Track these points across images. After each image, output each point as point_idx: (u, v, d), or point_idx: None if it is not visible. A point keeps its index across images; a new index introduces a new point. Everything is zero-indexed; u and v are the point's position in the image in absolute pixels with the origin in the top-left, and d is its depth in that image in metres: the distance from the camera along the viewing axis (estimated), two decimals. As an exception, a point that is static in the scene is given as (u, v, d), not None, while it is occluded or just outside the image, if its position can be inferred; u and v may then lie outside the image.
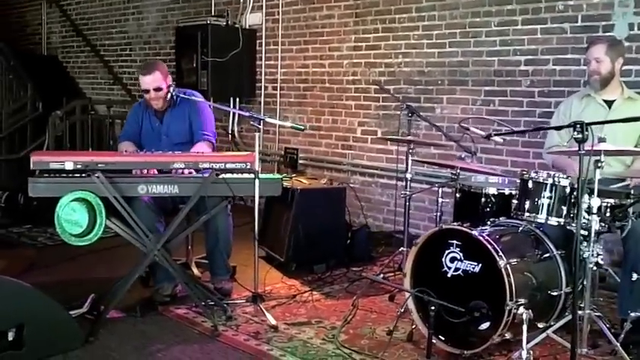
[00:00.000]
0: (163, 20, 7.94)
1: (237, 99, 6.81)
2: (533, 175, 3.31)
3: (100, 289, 3.77)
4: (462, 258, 3.18)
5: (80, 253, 4.55)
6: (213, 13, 6.98)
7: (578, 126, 2.73)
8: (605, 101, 3.69)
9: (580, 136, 2.74)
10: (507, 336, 3.09)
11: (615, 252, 4.10)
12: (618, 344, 3.04)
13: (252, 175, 3.60)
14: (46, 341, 3.08)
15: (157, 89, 3.97)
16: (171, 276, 3.80)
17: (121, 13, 8.59)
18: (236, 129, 7.01)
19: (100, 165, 3.39)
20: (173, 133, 4.07)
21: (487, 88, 5.06)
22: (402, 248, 4.18)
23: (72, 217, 3.32)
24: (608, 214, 3.18)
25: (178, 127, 4.07)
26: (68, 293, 3.80)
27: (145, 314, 3.66)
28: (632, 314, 3.22)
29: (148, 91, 4.00)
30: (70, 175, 3.39)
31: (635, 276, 3.23)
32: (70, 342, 3.18)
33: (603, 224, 3.15)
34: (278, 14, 6.54)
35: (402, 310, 3.48)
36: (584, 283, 3.12)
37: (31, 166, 3.33)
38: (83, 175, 3.39)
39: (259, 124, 3.75)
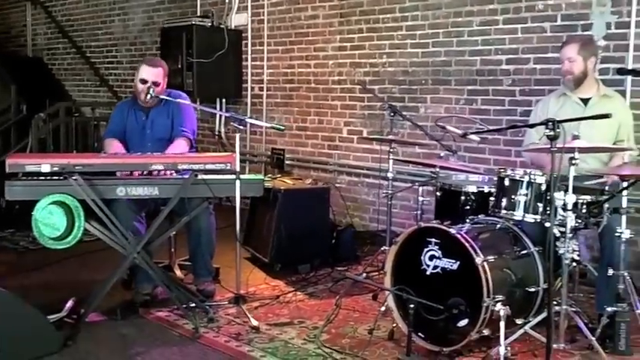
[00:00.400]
0: (149, 21, 7.93)
1: (224, 100, 6.81)
2: (509, 172, 3.34)
3: (81, 293, 3.76)
4: (441, 256, 3.20)
5: (63, 256, 4.54)
6: (198, 14, 6.97)
7: (551, 123, 2.75)
8: (582, 99, 3.71)
9: (552, 133, 2.76)
10: (486, 332, 3.11)
11: (595, 248, 4.12)
12: (594, 339, 3.07)
13: (233, 176, 3.60)
14: (22, 346, 3.06)
15: (156, 83, 4.01)
16: (151, 278, 3.79)
17: (106, 15, 8.57)
18: (222, 130, 7.00)
19: (77, 167, 3.38)
20: (156, 127, 4.10)
21: (470, 87, 5.08)
22: (384, 247, 4.19)
23: (49, 221, 3.30)
24: (584, 211, 3.21)
25: (162, 122, 4.11)
26: (49, 297, 3.79)
27: (126, 317, 3.65)
28: (609, 309, 3.25)
29: (145, 82, 4.02)
30: (48, 177, 3.38)
31: (610, 271, 3.25)
32: (47, 346, 3.16)
33: (579, 220, 3.18)
34: (263, 15, 6.54)
35: (383, 309, 3.49)
36: (562, 279, 3.14)
37: (7, 169, 3.31)
38: (61, 177, 3.38)
39: (240, 125, 3.74)
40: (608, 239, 3.33)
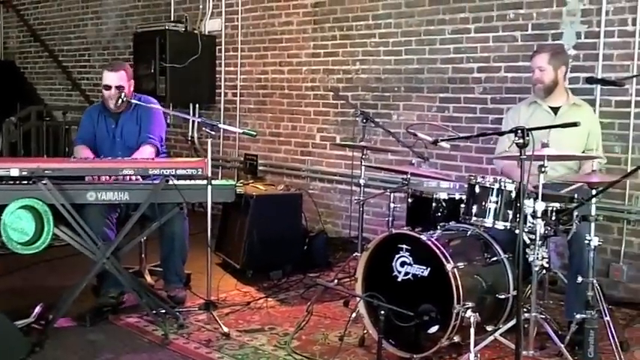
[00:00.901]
0: (122, 26, 7.87)
1: (197, 105, 6.77)
2: (480, 180, 3.36)
3: (50, 299, 3.69)
4: (412, 262, 3.21)
5: (32, 262, 4.48)
6: (172, 19, 6.94)
7: (520, 131, 2.78)
8: (552, 108, 3.77)
9: (521, 141, 2.79)
10: (456, 339, 3.12)
11: (565, 255, 4.18)
12: (562, 346, 3.10)
13: (205, 182, 3.58)
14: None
15: (119, 87, 3.97)
16: (119, 283, 3.74)
17: (79, 19, 8.48)
18: (196, 135, 6.96)
19: (46, 172, 3.34)
20: (126, 135, 4.06)
21: (442, 94, 5.12)
22: (356, 253, 4.19)
23: (18, 225, 3.26)
24: (553, 218, 3.25)
25: (131, 129, 4.06)
26: (17, 303, 3.73)
27: (95, 323, 3.60)
28: (578, 316, 3.27)
29: (109, 88, 3.98)
30: (17, 182, 3.33)
31: (580, 278, 3.28)
32: (14, 353, 3.11)
33: (549, 228, 3.21)
34: (237, 20, 6.53)
35: (354, 316, 3.49)
36: (531, 286, 3.17)
37: (-24, 173, 3.25)
38: (30, 182, 3.33)
39: (212, 130, 3.72)
40: (577, 247, 3.37)
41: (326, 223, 5.64)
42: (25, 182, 3.34)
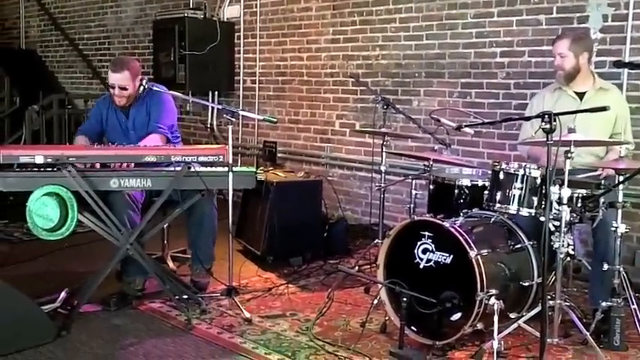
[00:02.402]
0: (141, 13, 7.87)
1: (216, 92, 6.77)
2: (504, 166, 3.32)
3: (73, 284, 3.75)
4: (434, 249, 3.19)
5: (57, 247, 4.53)
6: (191, 6, 6.93)
7: (547, 117, 2.74)
8: (577, 93, 3.70)
9: (548, 126, 2.75)
10: (479, 326, 3.11)
11: (589, 243, 4.13)
12: (588, 334, 3.07)
13: (225, 169, 3.58)
14: (16, 335, 3.06)
15: (123, 88, 3.96)
16: (142, 270, 3.76)
17: (99, 7, 8.51)
18: (215, 122, 6.97)
19: (70, 158, 3.36)
20: (139, 126, 4.05)
21: (463, 80, 5.06)
22: (377, 240, 4.18)
23: (43, 212, 3.29)
24: (579, 205, 3.20)
25: (142, 120, 4.05)
26: (43, 288, 3.77)
27: (119, 308, 3.64)
28: (603, 304, 3.25)
29: (113, 87, 3.99)
30: (42, 169, 3.35)
31: (605, 266, 3.25)
32: (41, 336, 3.16)
33: (575, 215, 3.18)
34: (256, 7, 6.50)
35: (376, 302, 3.48)
36: (556, 273, 3.14)
37: (0, 160, 3.28)
38: (55, 169, 3.35)
39: (232, 117, 3.71)
40: (602, 234, 3.33)
41: (345, 210, 5.62)
42: (49, 169, 3.37)
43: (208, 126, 6.95)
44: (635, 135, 4.02)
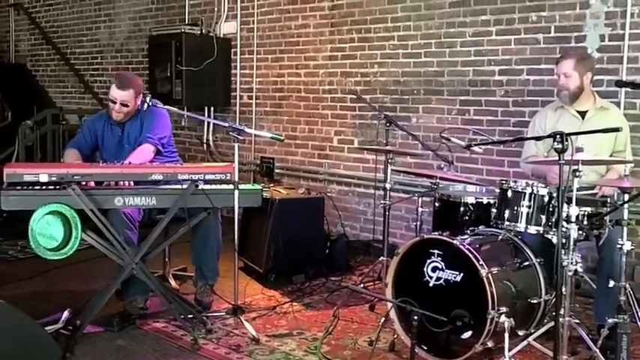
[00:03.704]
0: (135, 28, 7.86)
1: (212, 108, 6.76)
2: (512, 184, 3.35)
3: (73, 303, 3.71)
4: (444, 267, 3.20)
5: (53, 266, 4.47)
6: (187, 22, 6.93)
7: (558, 136, 2.77)
8: (579, 112, 3.74)
9: (560, 146, 2.78)
10: (489, 344, 3.11)
11: (589, 258, 4.17)
12: (597, 350, 3.09)
13: (231, 186, 3.57)
14: (21, 358, 3.00)
15: (124, 105, 3.95)
16: (144, 289, 3.75)
17: (92, 21, 8.47)
18: (211, 138, 6.96)
19: (75, 177, 3.33)
20: (133, 141, 4.04)
21: (462, 97, 5.10)
22: (382, 258, 4.18)
23: (47, 231, 3.25)
24: (585, 222, 3.23)
25: (136, 134, 4.04)
26: (41, 308, 3.73)
27: (122, 328, 3.60)
28: (610, 320, 3.26)
29: (114, 102, 3.98)
30: (44, 187, 3.32)
31: (612, 282, 3.26)
32: (46, 359, 3.10)
33: (581, 232, 3.20)
34: (253, 23, 6.52)
35: (384, 320, 3.47)
36: (564, 290, 3.16)
37: (5, 179, 3.24)
38: (57, 187, 3.32)
39: (238, 135, 3.71)
40: (608, 251, 3.35)
41: (344, 226, 5.62)
42: (51, 187, 3.33)
43: (204, 142, 6.93)
44: (633, 152, 4.07)
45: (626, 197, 3.17)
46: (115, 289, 3.73)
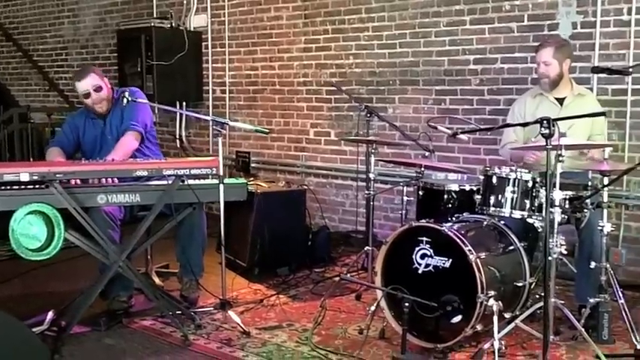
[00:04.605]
0: (101, 23, 7.72)
1: (185, 103, 6.69)
2: (496, 170, 3.41)
3: (55, 305, 3.64)
4: (433, 254, 3.24)
5: (31, 267, 4.37)
6: (155, 15, 6.84)
7: (545, 122, 2.82)
8: (557, 99, 3.82)
9: (547, 131, 2.84)
10: (478, 328, 3.17)
11: (567, 241, 4.27)
12: (582, 329, 3.17)
13: (215, 181, 3.55)
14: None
15: (98, 89, 3.92)
16: (126, 285, 3.73)
17: (54, 17, 8.29)
18: (184, 133, 6.89)
19: (58, 175, 3.27)
20: (115, 131, 4.01)
21: (438, 87, 5.15)
22: (367, 247, 4.21)
23: (29, 231, 3.19)
24: (567, 206, 3.32)
25: (118, 124, 4.01)
26: (22, 310, 3.64)
27: (109, 327, 3.56)
28: (592, 300, 3.37)
29: (88, 95, 3.93)
30: (24, 187, 3.25)
31: (593, 264, 3.37)
32: (35, 361, 3.05)
33: (563, 216, 3.28)
34: (224, 16, 6.46)
35: (374, 309, 3.50)
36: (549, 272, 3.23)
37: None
38: (37, 186, 3.26)
39: (221, 129, 3.69)
40: (588, 233, 3.44)
41: (322, 218, 5.63)
42: (30, 187, 3.27)
43: (177, 137, 6.86)
44: (607, 138, 4.19)
45: (606, 180, 3.27)
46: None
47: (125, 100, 3.76)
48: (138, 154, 3.96)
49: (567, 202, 3.33)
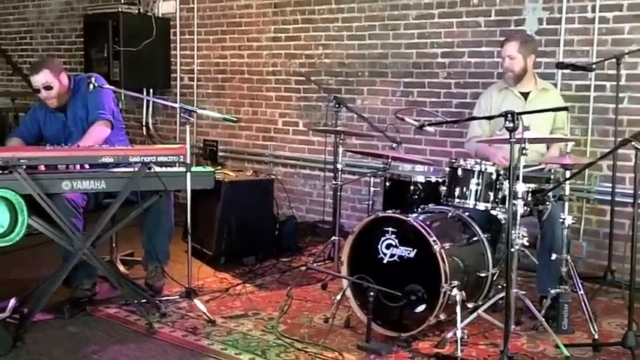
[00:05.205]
0: (67, 7, 7.56)
1: (152, 90, 6.61)
2: (462, 162, 3.46)
3: (19, 291, 3.58)
4: (398, 244, 3.28)
5: (-9, 255, 4.31)
6: (122, 1, 6.73)
7: (510, 115, 2.88)
8: (522, 93, 3.89)
9: (512, 125, 2.89)
10: (442, 317, 3.23)
11: (528, 233, 4.35)
12: (543, 319, 3.25)
13: (182, 169, 3.53)
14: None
15: (47, 87, 3.86)
16: (90, 273, 3.70)
17: (18, 0, 8.11)
18: (150, 121, 6.82)
19: (22, 160, 3.22)
20: (79, 122, 3.95)
21: (406, 79, 5.19)
22: (333, 238, 4.24)
23: (-9, 218, 3.14)
24: (529, 199, 3.39)
25: (81, 114, 3.95)
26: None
27: (73, 315, 3.52)
28: (552, 291, 3.44)
29: (38, 91, 3.89)
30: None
31: (554, 256, 3.45)
32: (-3, 348, 3.02)
33: (526, 208, 3.35)
34: (193, 3, 6.39)
35: (340, 298, 3.53)
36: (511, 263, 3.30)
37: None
38: (1, 172, 3.21)
39: (189, 116, 3.66)
40: (550, 225, 3.52)
41: (289, 207, 5.64)
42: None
43: (144, 124, 6.79)
44: (570, 132, 4.27)
45: (568, 174, 3.35)
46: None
47: (92, 87, 3.70)
48: (107, 142, 3.91)
49: (530, 194, 3.41)
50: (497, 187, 3.42)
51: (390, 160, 3.79)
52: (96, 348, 3.16)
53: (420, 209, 3.58)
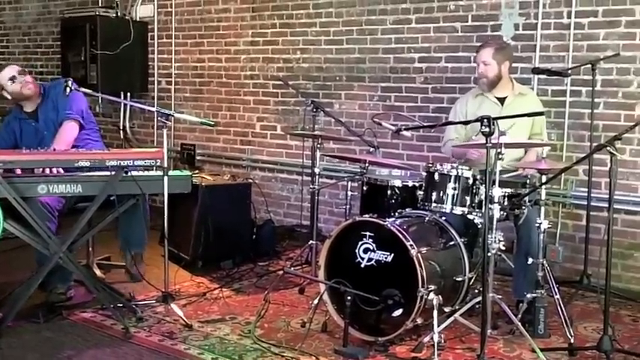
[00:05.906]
0: (44, 10, 7.49)
1: (129, 94, 6.56)
2: (438, 167, 3.48)
3: (-5, 297, 3.55)
4: (375, 248, 3.28)
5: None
6: (100, 4, 6.69)
7: (486, 120, 2.90)
8: (498, 98, 3.93)
9: (488, 130, 2.92)
10: (419, 321, 3.24)
11: (504, 238, 4.39)
12: (519, 323, 3.28)
13: (159, 173, 3.51)
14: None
15: (21, 72, 3.94)
16: (64, 277, 3.69)
17: (-5, 2, 8.02)
18: (127, 125, 6.77)
19: (-4, 164, 3.19)
20: (50, 125, 3.96)
21: (383, 84, 5.22)
22: (311, 242, 4.24)
23: (-34, 221, 3.10)
24: (506, 203, 3.42)
25: (52, 117, 3.97)
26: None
27: (48, 320, 3.49)
28: (528, 295, 3.47)
29: (14, 78, 3.93)
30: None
31: (530, 260, 3.48)
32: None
33: (502, 212, 3.38)
34: (171, 7, 6.37)
35: (317, 302, 3.53)
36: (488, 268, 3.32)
37: None
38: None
39: (166, 120, 3.65)
40: (526, 230, 3.55)
41: (267, 212, 5.63)
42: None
43: (121, 128, 6.74)
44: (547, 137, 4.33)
45: (544, 179, 3.39)
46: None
47: (68, 90, 3.68)
48: (80, 143, 3.89)
49: (506, 199, 3.44)
50: (474, 191, 3.45)
51: (367, 165, 3.80)
52: (71, 353, 3.13)
53: (397, 213, 3.60)
